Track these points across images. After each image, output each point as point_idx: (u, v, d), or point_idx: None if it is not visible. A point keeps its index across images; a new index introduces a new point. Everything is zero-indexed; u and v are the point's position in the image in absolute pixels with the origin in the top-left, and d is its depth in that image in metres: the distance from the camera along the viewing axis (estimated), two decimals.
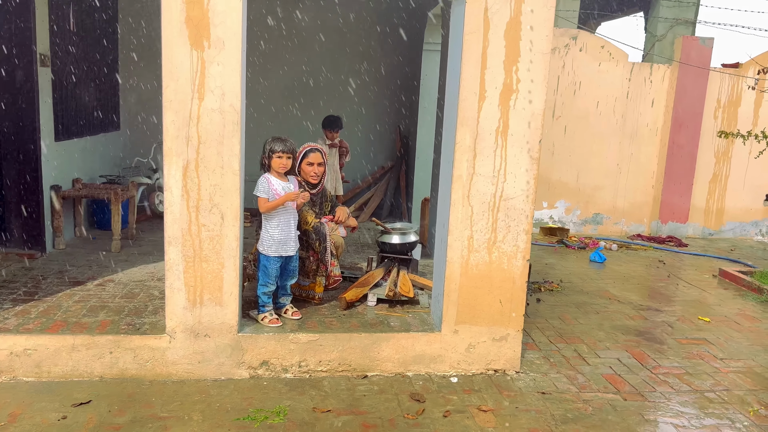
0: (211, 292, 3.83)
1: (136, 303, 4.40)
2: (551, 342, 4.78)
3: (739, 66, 8.91)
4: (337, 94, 8.27)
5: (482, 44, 3.78)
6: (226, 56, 3.60)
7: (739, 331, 5.25)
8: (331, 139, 6.58)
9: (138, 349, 3.82)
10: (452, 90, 4.03)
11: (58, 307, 4.23)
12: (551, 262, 7.28)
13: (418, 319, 4.34)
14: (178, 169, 3.66)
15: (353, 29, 8.15)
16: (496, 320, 4.14)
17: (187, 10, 3.52)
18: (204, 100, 3.61)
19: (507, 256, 4.07)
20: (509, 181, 3.99)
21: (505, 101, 3.88)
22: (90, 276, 4.99)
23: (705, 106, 8.80)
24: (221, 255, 3.79)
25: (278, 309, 4.25)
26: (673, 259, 7.84)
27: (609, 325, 5.24)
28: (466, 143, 3.91)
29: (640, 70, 8.71)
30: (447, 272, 4.04)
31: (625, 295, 6.10)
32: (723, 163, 9.07)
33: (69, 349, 3.76)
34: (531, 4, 3.78)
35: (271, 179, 4.07)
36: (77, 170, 6.30)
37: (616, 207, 9.03)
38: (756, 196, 9.22)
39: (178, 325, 3.84)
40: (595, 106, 8.69)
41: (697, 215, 9.16)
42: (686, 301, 6.06)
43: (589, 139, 8.77)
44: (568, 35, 8.48)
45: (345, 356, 4.01)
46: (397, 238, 5.13)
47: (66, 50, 5.92)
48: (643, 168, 8.98)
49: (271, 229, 4.09)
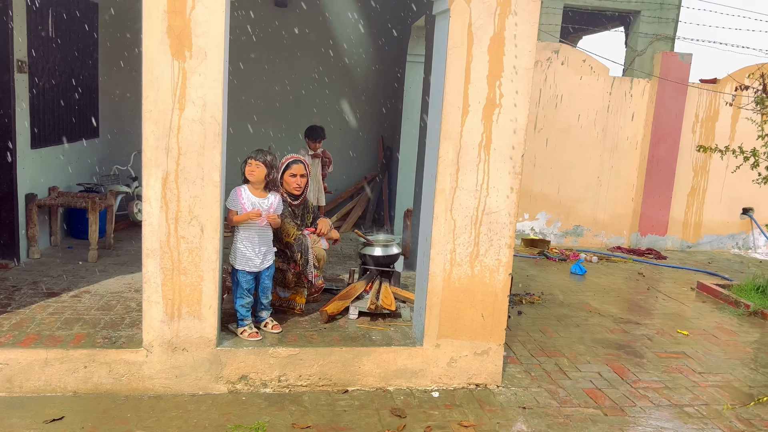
0: (190, 306, 3.76)
1: (112, 315, 4.32)
2: (532, 355, 4.78)
3: (717, 81, 9.06)
4: (320, 103, 8.25)
5: (466, 59, 3.79)
6: (207, 67, 3.56)
7: (717, 344, 5.30)
8: (313, 149, 6.55)
9: (114, 363, 3.74)
10: (436, 104, 4.03)
11: (32, 320, 4.13)
12: (532, 274, 7.30)
13: (400, 333, 4.31)
14: (157, 180, 3.60)
15: (337, 40, 8.14)
16: (478, 334, 4.12)
17: (169, 20, 3.47)
18: (185, 111, 3.57)
19: (489, 270, 4.06)
20: (492, 195, 3.99)
21: (488, 116, 3.88)
22: (65, 287, 4.89)
23: (684, 121, 8.92)
24: (200, 268, 3.73)
25: (258, 322, 4.20)
26: (652, 271, 7.91)
27: (589, 338, 5.26)
28: (449, 157, 3.90)
29: (621, 84, 8.82)
30: (429, 286, 4.03)
31: (606, 308, 6.14)
32: (701, 177, 9.20)
33: (42, 364, 3.66)
34: (515, 20, 3.80)
35: (242, 192, 4.03)
36: (54, 178, 6.18)
37: (597, 219, 9.10)
38: (733, 210, 9.36)
39: (156, 338, 3.77)
40: (576, 119, 8.77)
41: (675, 228, 9.26)
42: (665, 314, 6.11)
43: (570, 151, 8.84)
44: (550, 49, 8.56)
45: (325, 371, 3.97)
46: (379, 250, 5.11)
47: (45, 56, 5.83)
48: (623, 181, 9.07)
49: (238, 242, 4.07)
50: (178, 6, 3.48)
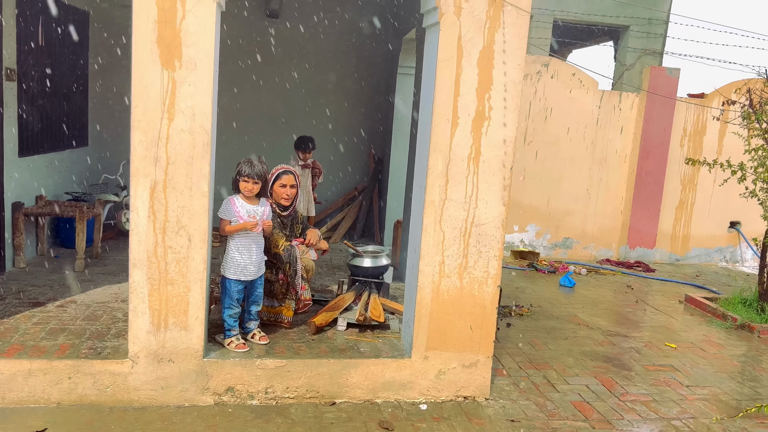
0: (176, 316, 3.73)
1: (98, 326, 4.27)
2: (521, 368, 4.77)
3: (704, 96, 9.16)
4: (310, 113, 8.26)
5: (455, 71, 3.81)
6: (197, 77, 3.55)
7: (704, 357, 5.32)
8: (303, 159, 6.55)
9: (98, 374, 3.69)
10: (425, 116, 4.04)
11: (16, 330, 4.08)
12: (522, 286, 7.31)
13: (389, 345, 4.30)
14: (145, 189, 3.58)
15: (328, 51, 8.17)
16: (467, 346, 4.11)
17: (159, 30, 3.47)
18: (174, 121, 3.56)
19: (478, 282, 4.06)
20: (481, 207, 3.99)
21: (477, 128, 3.90)
22: (51, 296, 4.84)
23: (672, 135, 9.01)
24: (188, 278, 3.70)
25: (245, 333, 4.17)
26: (640, 284, 7.95)
27: (578, 350, 5.26)
28: (438, 169, 3.91)
29: (610, 97, 8.90)
30: (418, 297, 4.02)
31: (594, 321, 6.15)
32: (689, 191, 9.27)
33: (25, 374, 3.62)
34: (504, 34, 3.83)
35: (236, 202, 4.01)
36: (42, 186, 6.14)
37: (586, 232, 9.14)
38: (720, 223, 9.44)
39: (142, 349, 3.73)
40: (565, 132, 8.83)
41: (664, 241, 9.32)
42: (653, 326, 6.13)
43: (559, 164, 8.89)
44: (540, 62, 8.63)
45: (313, 382, 3.94)
46: (368, 261, 5.10)
47: (34, 64, 5.80)
48: (612, 193, 9.13)
49: (231, 251, 4.04)
50: (168, 16, 3.48)
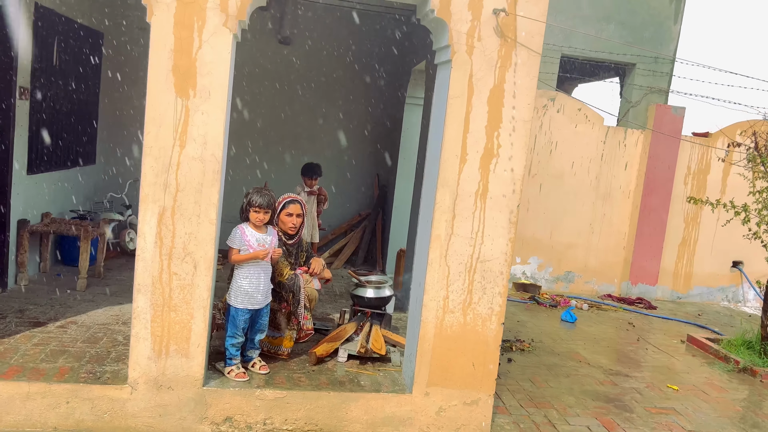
0: (178, 343, 3.72)
1: (98, 348, 4.25)
2: (522, 406, 4.73)
3: (709, 135, 9.22)
4: (318, 139, 8.31)
5: (466, 109, 3.84)
6: (211, 105, 3.59)
7: (706, 401, 5.27)
8: (310, 186, 6.57)
9: (97, 399, 3.66)
10: (434, 151, 4.06)
11: (15, 350, 4.06)
12: (523, 320, 7.28)
13: (389, 379, 4.26)
14: (154, 215, 3.59)
15: (337, 78, 8.25)
16: (468, 383, 4.08)
17: (175, 59, 3.52)
18: (185, 148, 3.58)
19: (482, 319, 4.05)
20: (487, 244, 4.00)
21: (485, 165, 3.92)
22: (52, 316, 4.82)
23: (676, 172, 9.04)
24: (191, 305, 3.70)
25: (246, 362, 4.14)
26: (642, 321, 7.91)
27: (579, 389, 5.22)
28: (445, 204, 3.92)
29: (615, 133, 8.95)
30: (421, 332, 4.00)
31: (595, 358, 6.11)
32: (692, 228, 9.27)
33: (23, 397, 3.59)
34: (515, 73, 3.87)
35: (246, 230, 4.02)
36: (48, 204, 6.15)
37: (588, 266, 9.13)
38: (723, 262, 9.42)
39: (141, 375, 3.70)
40: (570, 166, 8.87)
41: (666, 278, 9.29)
42: (655, 366, 6.08)
43: (563, 197, 8.91)
44: (546, 96, 8.70)
45: (312, 415, 3.90)
46: (371, 292, 5.08)
47: (47, 83, 5.86)
48: (615, 229, 9.13)
49: (240, 279, 4.03)
50: (184, 45, 3.52)
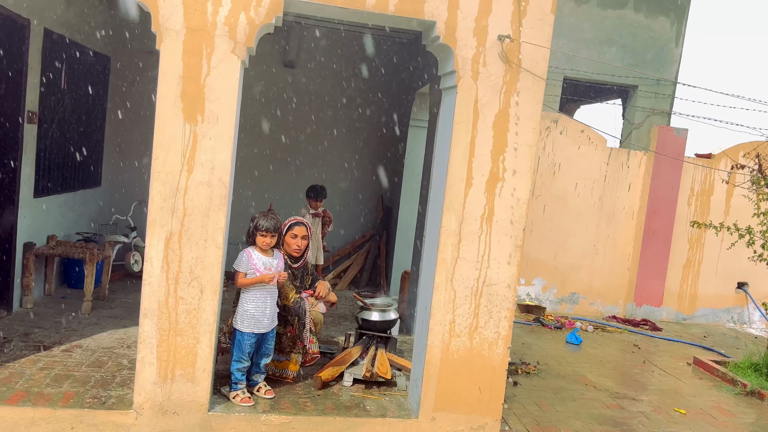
0: (184, 368, 3.71)
1: (103, 373, 4.24)
2: (528, 431, 4.68)
3: (711, 156, 9.24)
4: (322, 161, 8.35)
5: (471, 133, 3.87)
6: (218, 131, 3.62)
7: (714, 425, 5.22)
8: (315, 208, 6.59)
9: (102, 425, 3.65)
10: (439, 175, 4.09)
11: (21, 375, 4.05)
12: (528, 342, 7.24)
13: (395, 403, 4.24)
14: (161, 240, 3.61)
15: (342, 100, 8.31)
16: (475, 408, 4.06)
17: (184, 85, 3.56)
18: (193, 173, 3.61)
19: (488, 343, 4.03)
20: (493, 267, 4.00)
21: (491, 189, 3.94)
22: (57, 340, 4.82)
23: (679, 194, 9.05)
24: (197, 330, 3.69)
25: (251, 386, 4.13)
26: (647, 343, 7.86)
27: (586, 413, 5.17)
28: (451, 227, 3.93)
29: (618, 155, 8.99)
30: (427, 357, 3.98)
31: (602, 381, 6.06)
32: (696, 249, 9.26)
33: (28, 423, 3.57)
34: (519, 98, 3.91)
35: (252, 254, 4.03)
36: (53, 226, 6.17)
37: (592, 287, 9.10)
38: (728, 283, 9.39)
39: (147, 400, 3.69)
40: (573, 187, 8.89)
41: (671, 299, 9.26)
42: (662, 390, 6.03)
43: (566, 219, 8.91)
44: (549, 118, 8.75)
45: None
46: (376, 315, 5.07)
47: (54, 107, 5.91)
48: (619, 250, 9.12)
49: (246, 303, 4.03)
50: (193, 72, 3.57)
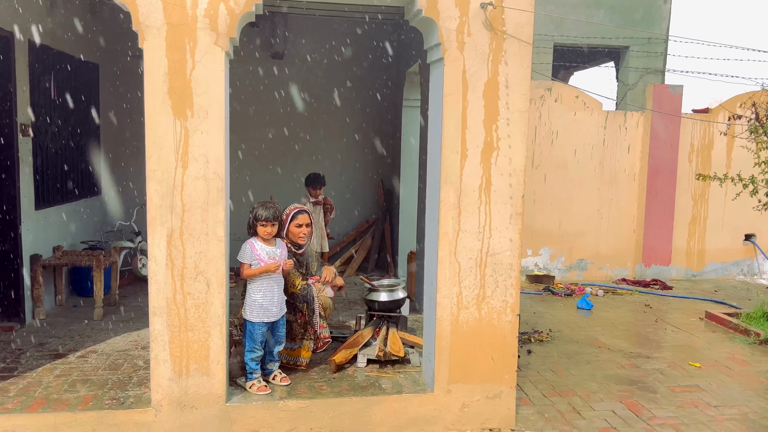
0: (198, 362, 3.74)
1: (119, 375, 4.28)
2: (545, 396, 4.72)
3: (709, 111, 9.19)
4: (319, 150, 8.34)
5: (462, 105, 3.86)
6: (209, 124, 3.63)
7: (730, 375, 5.23)
8: (315, 196, 6.60)
9: (122, 424, 3.69)
10: (434, 149, 4.08)
11: (39, 383, 4.10)
12: (539, 311, 7.26)
13: (410, 380, 4.27)
14: (162, 237, 3.63)
15: (333, 87, 8.29)
16: (489, 377, 4.08)
17: (170, 81, 3.56)
18: (188, 169, 3.62)
19: (497, 312, 4.05)
20: (495, 237, 4.01)
21: (486, 159, 3.94)
22: (71, 347, 4.86)
23: (679, 151, 9.01)
24: (207, 323, 3.72)
25: (266, 375, 4.16)
26: (659, 302, 7.87)
27: (601, 375, 5.20)
28: (450, 201, 3.94)
29: (615, 118, 8.94)
30: (437, 330, 4.01)
31: (615, 343, 6.08)
32: (701, 205, 9.23)
33: (50, 429, 3.62)
34: (507, 65, 3.89)
35: (255, 245, 4.05)
36: (58, 237, 6.21)
37: (600, 252, 9.10)
38: (735, 236, 9.37)
39: (164, 397, 3.73)
40: (572, 154, 8.86)
41: (679, 257, 9.25)
42: (675, 346, 6.05)
43: (568, 186, 8.89)
44: (542, 87, 8.70)
45: (337, 422, 3.91)
46: (385, 295, 5.09)
47: (47, 118, 5.93)
48: (624, 213, 9.10)
49: (254, 293, 4.05)
50: (178, 67, 3.57)
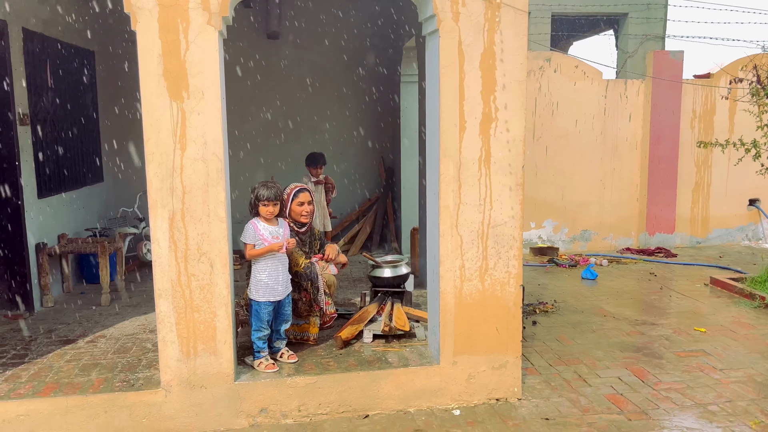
0: (205, 342, 3.78)
1: (129, 358, 4.33)
2: (551, 365, 4.75)
3: (710, 76, 9.10)
4: (318, 130, 8.32)
5: (459, 76, 3.84)
6: (205, 105, 3.61)
7: (735, 339, 5.26)
8: (315, 175, 6.59)
9: (133, 405, 3.74)
10: (432, 122, 4.07)
11: (50, 368, 4.15)
12: (544, 283, 7.28)
13: (416, 353, 4.31)
14: (164, 220, 3.64)
15: (329, 66, 8.24)
16: (494, 348, 4.11)
17: (165, 63, 3.54)
18: (186, 150, 3.62)
19: (500, 283, 4.06)
20: (496, 208, 4.00)
21: (485, 130, 3.92)
22: (80, 333, 4.92)
23: (681, 118, 8.95)
24: (213, 304, 3.75)
25: (273, 353, 4.20)
26: (663, 270, 7.88)
27: (606, 343, 5.23)
28: (450, 174, 3.93)
29: (615, 86, 8.87)
30: (441, 303, 4.03)
31: (620, 311, 6.11)
32: (704, 172, 9.19)
33: (63, 412, 3.67)
34: (503, 35, 3.85)
35: (258, 225, 4.06)
36: (62, 225, 6.24)
37: (603, 222, 9.09)
38: (739, 202, 9.34)
39: (173, 378, 3.78)
40: (574, 124, 8.81)
41: (683, 225, 9.24)
42: (680, 312, 6.07)
43: (570, 157, 8.86)
44: (542, 58, 8.63)
45: (345, 397, 3.96)
46: (388, 271, 5.11)
47: (45, 106, 5.92)
48: (627, 182, 9.07)
49: (258, 273, 4.07)
50: (172, 49, 3.55)
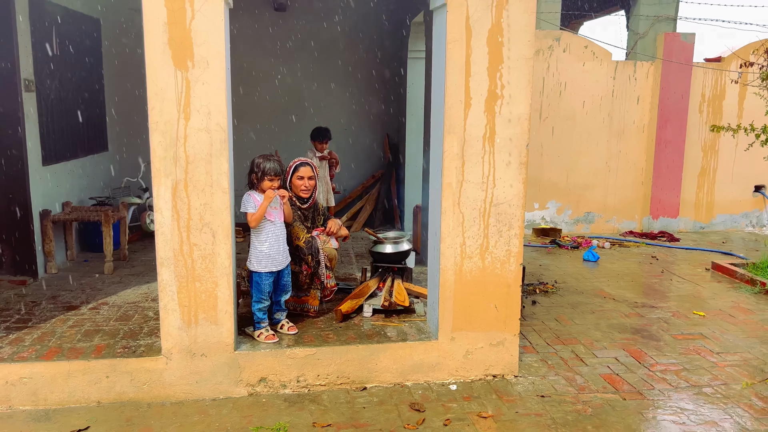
0: (206, 311, 3.81)
1: (131, 325, 4.38)
2: (548, 344, 4.79)
3: (721, 60, 8.99)
4: (324, 105, 8.28)
5: (465, 52, 3.80)
6: (210, 75, 3.60)
7: (734, 323, 5.28)
8: (320, 150, 6.58)
9: (135, 372, 3.80)
10: (438, 98, 4.05)
11: (53, 333, 4.21)
12: (545, 263, 7.30)
13: (415, 328, 4.34)
14: (167, 189, 3.65)
15: (337, 40, 8.17)
16: (493, 325, 4.14)
17: (170, 32, 3.52)
18: (190, 120, 3.61)
19: (500, 261, 4.08)
20: (499, 187, 4.00)
21: (490, 108, 3.90)
22: (83, 300, 4.97)
23: (690, 101, 8.87)
24: (214, 273, 3.78)
25: (274, 324, 4.25)
26: (665, 254, 7.88)
27: (605, 324, 5.26)
28: (454, 151, 3.92)
29: (624, 68, 8.78)
30: (441, 280, 4.05)
31: (620, 293, 6.13)
32: (710, 157, 9.13)
33: (65, 376, 3.73)
34: (511, 11, 3.81)
35: (255, 196, 4.08)
36: (66, 193, 6.27)
37: (607, 205, 9.07)
38: (745, 188, 9.29)
39: (174, 345, 3.82)
40: (581, 105, 8.74)
41: (687, 209, 9.21)
42: (680, 296, 6.09)
43: (576, 138, 8.81)
44: (551, 37, 8.53)
45: (343, 369, 4.01)
46: (390, 247, 5.13)
47: (50, 74, 5.90)
48: (632, 165, 9.03)
49: (259, 244, 4.10)
50: (177, 17, 3.52)
